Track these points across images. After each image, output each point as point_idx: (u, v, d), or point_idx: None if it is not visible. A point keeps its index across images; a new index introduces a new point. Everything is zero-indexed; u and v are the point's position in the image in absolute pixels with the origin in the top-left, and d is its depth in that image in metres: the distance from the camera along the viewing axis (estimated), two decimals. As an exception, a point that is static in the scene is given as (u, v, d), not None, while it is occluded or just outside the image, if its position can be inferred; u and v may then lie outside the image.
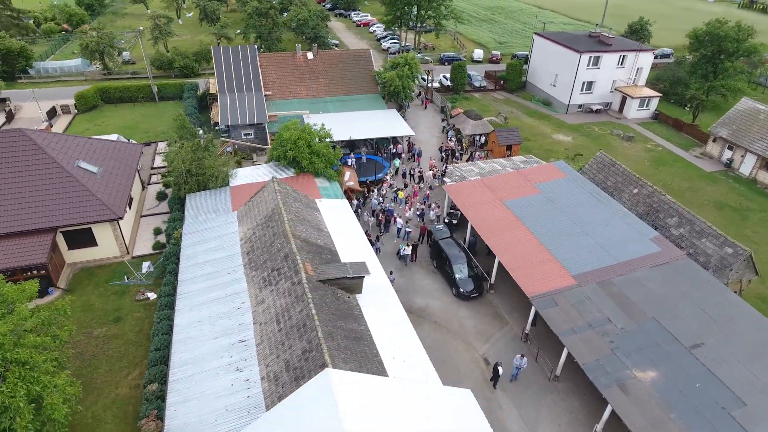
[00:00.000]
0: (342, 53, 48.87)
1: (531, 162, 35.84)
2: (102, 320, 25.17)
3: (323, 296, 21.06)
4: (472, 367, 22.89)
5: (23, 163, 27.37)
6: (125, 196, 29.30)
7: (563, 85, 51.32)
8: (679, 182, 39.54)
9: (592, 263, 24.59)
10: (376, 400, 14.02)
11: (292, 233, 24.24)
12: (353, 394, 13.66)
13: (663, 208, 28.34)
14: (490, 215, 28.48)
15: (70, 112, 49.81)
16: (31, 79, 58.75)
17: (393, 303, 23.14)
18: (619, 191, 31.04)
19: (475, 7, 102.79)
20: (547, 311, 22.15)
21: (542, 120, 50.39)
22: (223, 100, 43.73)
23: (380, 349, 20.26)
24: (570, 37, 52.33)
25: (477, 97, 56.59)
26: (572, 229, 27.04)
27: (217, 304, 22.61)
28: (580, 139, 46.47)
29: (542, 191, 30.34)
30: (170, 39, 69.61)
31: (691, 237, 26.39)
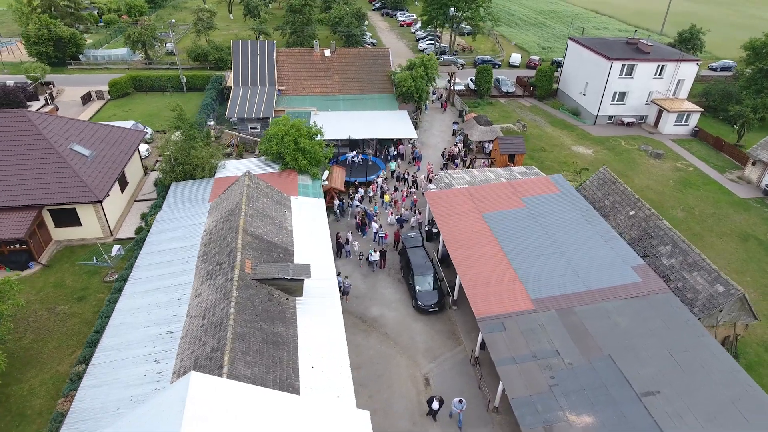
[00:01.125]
0: (360, 51, 48.34)
1: (530, 173, 33.58)
2: (67, 297, 26.15)
3: (253, 296, 20.59)
4: (409, 386, 21.58)
5: (18, 143, 29.02)
6: (111, 181, 30.34)
7: (593, 95, 47.93)
8: (704, 207, 35.60)
9: (559, 288, 22.47)
10: (237, 412, 13.32)
11: (244, 229, 23.97)
12: (210, 404, 13.04)
13: (657, 234, 25.47)
14: (464, 226, 26.86)
15: (103, 98, 52.75)
16: (80, 66, 62.88)
17: (334, 309, 22.25)
18: (615, 212, 28.32)
19: (526, 11, 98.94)
20: (492, 335, 20.43)
21: (565, 130, 47.31)
22: (236, 93, 44.54)
23: (301, 357, 19.53)
24: (604, 43, 48.74)
25: (502, 102, 54.17)
26: (548, 248, 24.90)
27: (160, 293, 22.78)
28: (602, 152, 43.14)
29: (527, 206, 28.25)
30: (213, 32, 72.23)
31: (681, 269, 23.50)
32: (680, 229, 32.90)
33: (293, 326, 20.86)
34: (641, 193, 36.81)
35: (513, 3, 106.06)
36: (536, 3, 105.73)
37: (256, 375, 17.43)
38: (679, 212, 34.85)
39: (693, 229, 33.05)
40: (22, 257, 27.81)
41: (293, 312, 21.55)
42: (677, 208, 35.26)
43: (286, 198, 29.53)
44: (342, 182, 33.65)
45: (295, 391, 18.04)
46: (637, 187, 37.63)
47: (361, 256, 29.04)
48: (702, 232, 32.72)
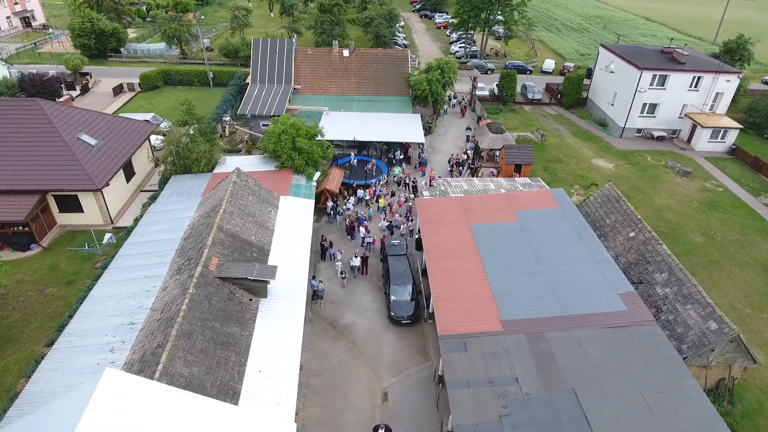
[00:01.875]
0: (378, 53, 47.84)
1: (534, 186, 31.98)
2: (58, 281, 27.16)
3: (212, 294, 20.52)
4: (365, 400, 20.87)
5: (28, 130, 30.45)
6: (112, 171, 31.30)
7: (621, 105, 45.24)
8: (727, 232, 32.68)
9: (533, 310, 21.09)
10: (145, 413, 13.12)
11: (219, 226, 24.02)
12: (117, 403, 12.90)
13: (654, 260, 23.48)
14: (448, 237, 25.79)
15: (134, 90, 54.94)
16: (120, 59, 65.83)
17: (297, 314, 21.86)
18: (615, 232, 26.40)
19: (571, 15, 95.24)
20: (451, 355, 19.38)
21: (588, 142, 44.90)
22: (252, 90, 45.14)
23: (251, 359, 19.25)
24: (637, 52, 45.84)
25: (526, 110, 52.16)
26: (531, 267, 23.48)
27: (133, 283, 23.17)
28: (623, 167, 40.58)
29: (519, 219, 26.82)
30: (248, 30, 73.81)
31: (675, 300, 21.51)
32: (696, 255, 30.38)
33: (250, 328, 20.62)
34: (659, 214, 34.33)
35: (558, 7, 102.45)
36: (583, 8, 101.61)
37: (195, 375, 17.29)
38: (698, 236, 32.17)
39: (710, 256, 30.40)
40: (24, 239, 29.17)
41: (254, 313, 21.33)
42: (697, 232, 32.57)
43: (275, 197, 29.47)
44: (337, 184, 33.27)
45: (236, 395, 17.79)
46: (656, 207, 35.11)
47: (344, 274, 27.39)
48: (720, 260, 30.03)
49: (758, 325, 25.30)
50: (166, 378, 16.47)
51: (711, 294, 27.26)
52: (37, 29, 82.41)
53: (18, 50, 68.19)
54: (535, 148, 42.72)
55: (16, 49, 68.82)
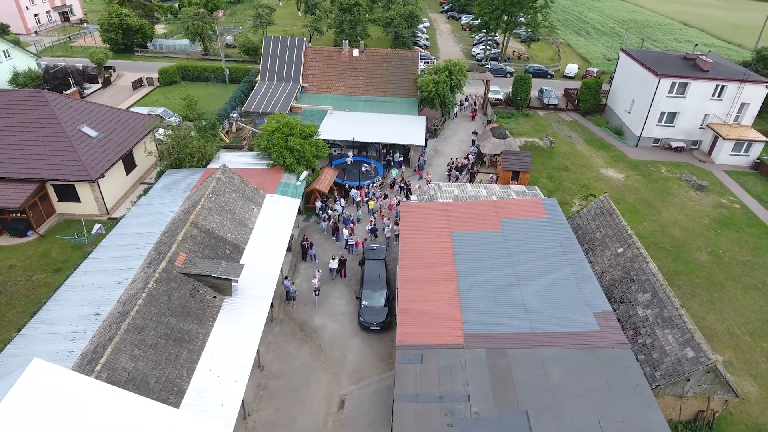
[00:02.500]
0: (388, 53, 47.35)
1: (529, 194, 30.78)
2: (47, 267, 27.98)
3: (173, 289, 20.57)
4: (320, 406, 20.48)
5: (32, 121, 31.54)
6: (109, 163, 32.04)
7: (638, 113, 43.14)
8: (737, 252, 30.54)
9: (500, 325, 20.19)
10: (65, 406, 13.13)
11: (194, 222, 24.13)
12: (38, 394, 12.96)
13: (639, 279, 22.07)
14: (426, 243, 25.08)
15: (153, 85, 56.40)
16: (145, 53, 67.78)
17: (260, 314, 21.67)
18: (604, 246, 25.03)
19: (604, 19, 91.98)
20: (405, 367, 18.73)
21: (601, 150, 43.03)
22: (259, 87, 45.52)
23: (203, 358, 19.17)
24: (658, 58, 43.57)
25: (540, 115, 50.55)
26: (506, 279, 22.52)
27: (107, 274, 23.55)
28: (634, 178, 38.64)
29: (504, 229, 25.82)
30: (272, 28, 74.73)
31: (655, 323, 20.14)
32: (698, 275, 28.52)
33: (209, 325, 20.56)
34: (664, 229, 32.47)
35: (592, 10, 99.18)
36: (618, 12, 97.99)
37: (139, 370, 17.31)
38: (704, 255, 30.21)
39: (714, 277, 28.46)
40: (21, 225, 30.23)
41: (216, 311, 21.27)
42: (703, 250, 30.59)
43: (260, 195, 29.46)
44: (328, 184, 33.00)
45: (181, 392, 17.72)
46: (662, 222, 33.22)
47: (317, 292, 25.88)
48: (724, 282, 28.07)
49: (755, 355, 23.46)
50: (108, 371, 16.55)
51: (708, 318, 25.57)
52: (75, 24, 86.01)
53: (53, 43, 71.29)
54: (543, 155, 41.34)
55: (51, 42, 71.97)
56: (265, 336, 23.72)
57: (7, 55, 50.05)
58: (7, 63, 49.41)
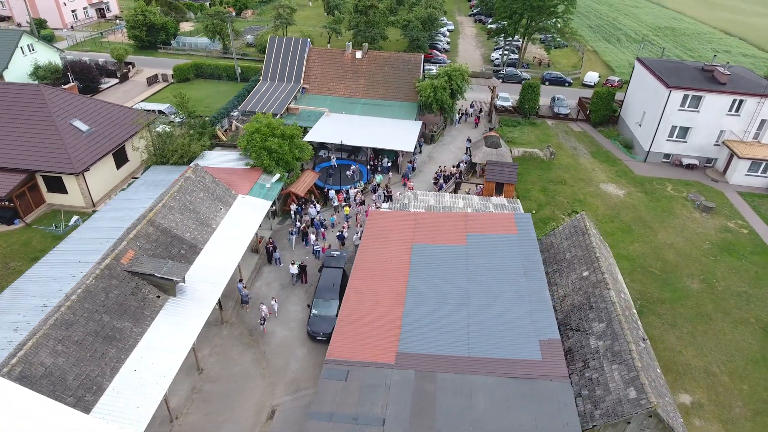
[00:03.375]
0: (391, 56, 46.66)
1: (508, 207, 29.43)
2: (25, 256, 28.87)
3: (112, 287, 20.66)
4: (250, 414, 20.10)
5: (26, 113, 32.73)
6: (95, 157, 32.82)
7: (648, 126, 40.69)
8: (734, 282, 28.14)
9: (436, 346, 19.21)
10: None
11: (151, 219, 24.28)
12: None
13: (598, 307, 20.54)
14: (383, 254, 24.31)
15: (167, 81, 57.85)
16: (168, 50, 69.68)
17: (200, 317, 21.49)
18: (571, 269, 23.50)
19: (638, 26, 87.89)
20: (328, 383, 18.07)
21: (605, 164, 40.84)
22: (259, 87, 45.81)
23: (132, 357, 19.14)
24: (672, 68, 40.87)
25: (548, 124, 48.59)
26: (457, 297, 21.48)
27: (66, 266, 23.99)
28: (635, 196, 36.39)
29: (468, 243, 24.72)
30: (293, 28, 75.33)
31: (604, 357, 18.64)
32: (684, 304, 26.45)
33: (145, 325, 20.54)
34: (657, 252, 30.37)
35: (628, 17, 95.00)
36: (655, 18, 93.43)
37: (59, 365, 17.41)
38: (695, 282, 28.01)
39: (702, 307, 26.30)
40: (8, 213, 31.39)
41: (156, 311, 21.25)
42: (696, 277, 28.37)
43: (231, 195, 29.42)
44: (305, 187, 32.66)
45: (99, 391, 17.71)
46: (656, 244, 31.09)
47: (263, 321, 24.05)
48: (713, 313, 25.89)
49: (731, 397, 21.43)
50: (23, 365, 16.71)
51: (686, 353, 23.64)
52: (110, 20, 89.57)
53: (85, 39, 74.37)
54: (541, 167, 39.65)
55: (83, 37, 75.16)
56: (212, 338, 23.62)
57: (31, 49, 52.42)
58: (30, 57, 51.74)
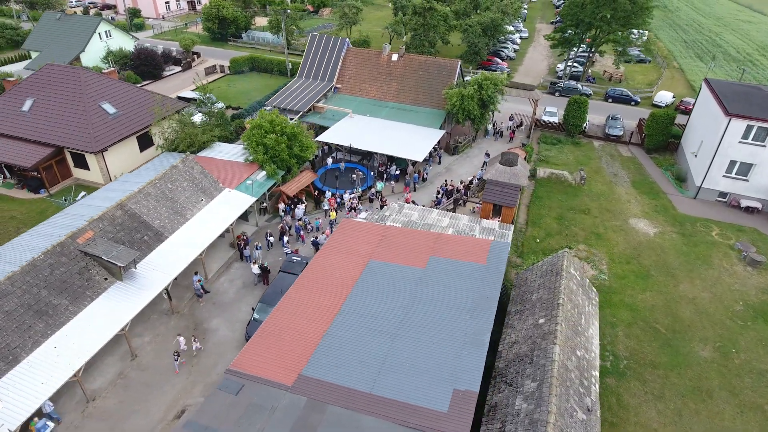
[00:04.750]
0: (427, 60, 44.81)
1: (496, 231, 26.72)
2: (35, 224, 31.31)
3: (60, 264, 21.57)
4: (160, 409, 19.97)
5: (63, 93, 35.67)
6: (116, 138, 34.91)
7: (704, 158, 35.13)
8: (758, 356, 23.11)
9: (342, 375, 17.69)
10: None
11: (121, 204, 25.19)
12: None
13: (537, 363, 17.71)
14: (335, 266, 23.08)
15: (223, 72, 60.64)
16: (236, 43, 73.14)
17: (138, 304, 21.79)
18: (532, 312, 20.63)
19: (745, 43, 77.14)
20: (219, 395, 17.28)
21: (646, 196, 35.91)
22: (291, 84, 46.21)
23: (58, 334, 20.01)
24: (741, 93, 34.68)
25: (595, 145, 43.93)
26: (388, 325, 19.73)
27: (43, 239, 24.93)
28: (669, 236, 31.52)
29: (427, 267, 22.74)
30: (356, 28, 75.74)
31: (521, 423, 15.96)
32: (684, 374, 22.25)
33: (83, 304, 21.23)
34: (671, 306, 25.99)
35: (734, 32, 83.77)
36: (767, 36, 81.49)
37: (-30, 334, 18.39)
38: (707, 350, 23.47)
39: (705, 382, 21.91)
40: (35, 183, 34.46)
41: (98, 292, 21.90)
42: (709, 343, 23.79)
43: (218, 188, 29.79)
44: (297, 188, 32.19)
45: (14, 361, 18.55)
46: (673, 296, 26.61)
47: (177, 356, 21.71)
48: (716, 391, 21.46)
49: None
50: (-56, 328, 17.87)
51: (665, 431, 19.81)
52: (199, 12, 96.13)
53: (169, 29, 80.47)
54: (566, 192, 35.86)
55: (169, 27, 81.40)
56: (158, 327, 23.92)
57: (108, 35, 57.56)
58: (106, 42, 56.78)
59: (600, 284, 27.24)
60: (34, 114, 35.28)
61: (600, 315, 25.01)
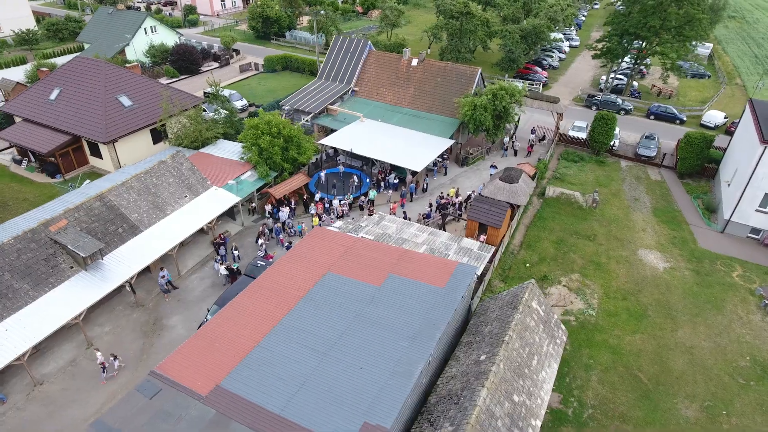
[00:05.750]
0: (447, 66, 43.26)
1: (473, 251, 25.08)
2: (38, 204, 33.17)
3: (28, 249, 22.46)
4: (96, 401, 20.25)
5: (85, 84, 37.59)
6: (126, 130, 36.29)
7: (736, 188, 31.34)
8: (754, 422, 20.01)
9: (257, 393, 16.96)
10: None
11: (101, 195, 25.98)
12: None
13: (461, 405, 16.16)
14: (290, 276, 22.46)
15: (257, 69, 61.92)
16: (278, 42, 74.56)
17: (91, 296, 22.29)
18: (479, 347, 19.00)
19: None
20: (135, 396, 17.07)
21: (665, 225, 32.57)
22: (309, 85, 46.24)
23: (12, 318, 20.88)
24: (788, 118, 30.53)
25: (621, 165, 40.57)
26: (322, 345, 18.84)
27: (29, 222, 26.47)
28: (681, 273, 28.31)
29: (383, 285, 21.63)
30: (397, 30, 75.00)
31: (430, 468, 14.60)
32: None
33: (44, 290, 22.01)
34: (661, 355, 23.27)
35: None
36: None
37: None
38: (692, 408, 20.68)
39: (682, 445, 19.31)
40: (52, 168, 36.55)
41: (61, 279, 22.62)
42: (697, 401, 20.95)
43: (205, 186, 30.14)
44: (284, 191, 31.92)
45: (-41, 341, 19.42)
46: (667, 343, 23.77)
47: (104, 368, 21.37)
48: (692, 458, 18.82)
49: None
50: None
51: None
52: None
53: (219, 26, 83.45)
54: (574, 214, 33.30)
55: (219, 25, 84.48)
56: (119, 318, 24.42)
57: (153, 30, 60.47)
58: (151, 37, 59.67)
59: (584, 320, 24.87)
60: (58, 103, 37.45)
61: (574, 355, 22.84)
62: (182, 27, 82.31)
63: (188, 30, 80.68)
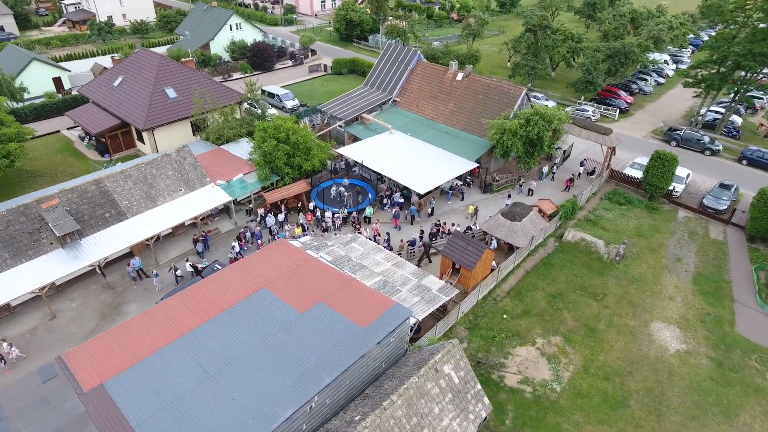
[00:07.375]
0: (491, 83, 40.08)
1: (429, 294, 22.76)
2: (81, 181, 36.85)
3: (17, 222, 24.90)
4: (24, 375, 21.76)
5: (142, 75, 41.05)
6: (166, 119, 38.91)
7: (803, 269, 24.69)
8: None
9: (126, 401, 16.84)
10: None
11: (96, 180, 27.99)
12: None
13: (310, 466, 14.47)
14: (226, 287, 22.17)
15: (326, 71, 63.11)
16: (359, 45, 75.31)
17: (64, 270, 24.03)
18: (372, 403, 16.98)
19: None
20: (31, 378, 18.14)
21: (700, 298, 26.80)
22: (352, 92, 45.88)
23: (-16, 282, 23.04)
24: None
25: (678, 217, 34.33)
26: (214, 366, 18.22)
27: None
28: (695, 361, 22.97)
29: (306, 313, 20.44)
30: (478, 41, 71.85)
31: None
32: None
33: (20, 261, 24.26)
34: (624, 455, 19.03)
35: None
36: None
37: None
38: None
39: None
40: (102, 147, 40.55)
41: (39, 253, 24.75)
42: None
43: (204, 182, 31.16)
44: (279, 196, 31.75)
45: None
46: (640, 444, 19.41)
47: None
48: None
49: None
50: None
51: None
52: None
53: (307, 27, 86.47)
54: (589, 266, 28.96)
55: (314, 24, 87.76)
56: (88, 297, 26.10)
57: (238, 27, 64.53)
58: (234, 33, 63.75)
59: (542, 394, 21.28)
60: (119, 90, 41.42)
61: (509, 434, 19.63)
62: (278, 25, 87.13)
63: (282, 28, 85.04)
